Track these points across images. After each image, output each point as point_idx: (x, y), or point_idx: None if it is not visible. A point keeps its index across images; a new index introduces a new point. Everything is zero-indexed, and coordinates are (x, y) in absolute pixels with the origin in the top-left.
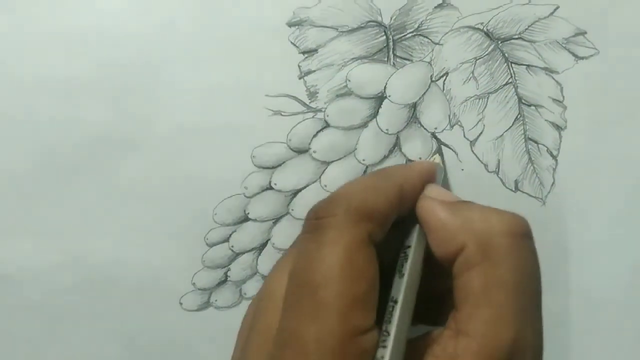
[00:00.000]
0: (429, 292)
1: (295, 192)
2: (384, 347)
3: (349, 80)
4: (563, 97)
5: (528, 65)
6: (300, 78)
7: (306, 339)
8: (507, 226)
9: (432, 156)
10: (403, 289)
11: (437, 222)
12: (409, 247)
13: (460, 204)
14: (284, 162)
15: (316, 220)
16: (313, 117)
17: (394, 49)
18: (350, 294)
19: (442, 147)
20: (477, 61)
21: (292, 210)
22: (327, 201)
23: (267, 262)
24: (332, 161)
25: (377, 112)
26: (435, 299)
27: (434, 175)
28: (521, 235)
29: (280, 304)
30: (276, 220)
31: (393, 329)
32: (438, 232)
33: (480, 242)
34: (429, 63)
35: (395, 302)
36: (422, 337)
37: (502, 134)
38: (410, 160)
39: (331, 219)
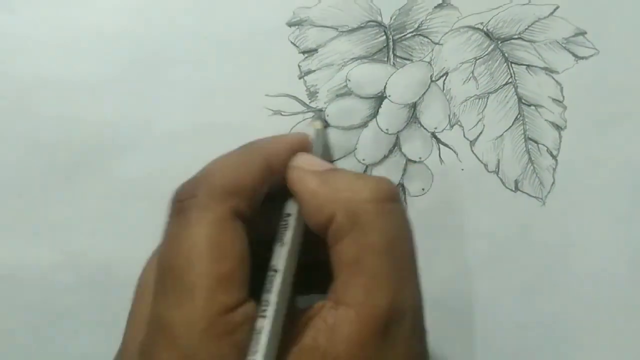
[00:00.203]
0: (317, 261)
1: None
2: (263, 317)
3: (349, 80)
4: (563, 97)
5: (528, 65)
6: (300, 78)
7: (174, 323)
8: (372, 192)
9: (312, 121)
10: (282, 257)
11: (306, 193)
12: (289, 215)
13: (328, 173)
14: None
15: (179, 203)
16: (313, 117)
17: (394, 49)
18: (214, 273)
19: (442, 147)
20: (477, 61)
21: None
22: (188, 182)
23: None
24: (332, 161)
25: (377, 112)
26: (323, 268)
27: (305, 145)
28: (386, 200)
29: (152, 291)
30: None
31: (273, 297)
32: (308, 202)
33: (348, 210)
34: (429, 63)
35: (275, 271)
36: (307, 309)
37: (502, 134)
38: (411, 161)
39: (193, 200)
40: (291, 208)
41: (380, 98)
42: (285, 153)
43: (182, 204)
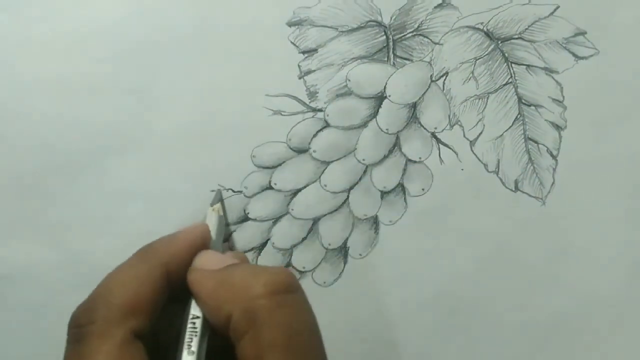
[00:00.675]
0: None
1: (295, 192)
2: None
3: (349, 80)
4: (563, 97)
5: (528, 65)
6: (300, 78)
7: None
8: (265, 286)
9: (211, 208)
10: None
11: (205, 294)
12: (196, 317)
13: (225, 271)
14: (284, 162)
15: (77, 329)
16: (313, 116)
17: (394, 49)
18: None
19: (442, 147)
20: (477, 61)
21: (292, 209)
22: (85, 305)
23: (267, 261)
24: (332, 161)
25: (377, 111)
26: None
27: (206, 238)
28: (281, 292)
29: None
30: (276, 219)
31: None
32: (207, 304)
33: (243, 309)
34: (429, 63)
35: None
36: None
37: (502, 134)
38: (411, 161)
39: (91, 326)
40: (196, 309)
41: (380, 98)
42: (185, 254)
43: (80, 330)
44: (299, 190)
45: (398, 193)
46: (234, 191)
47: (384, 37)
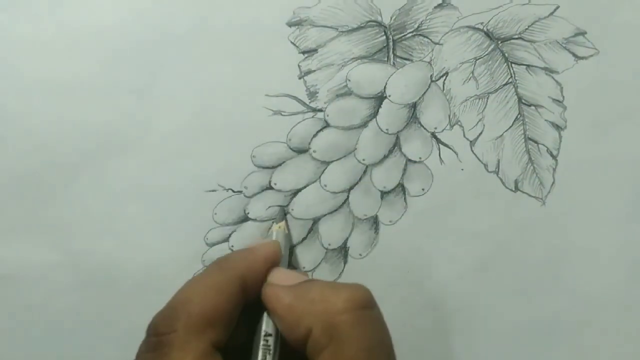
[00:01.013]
0: None
1: (295, 192)
2: None
3: (349, 80)
4: (563, 97)
5: (528, 65)
6: (300, 78)
7: None
8: (346, 302)
9: (275, 224)
10: None
11: (282, 309)
12: (269, 335)
13: (302, 286)
14: (284, 162)
15: (156, 338)
16: (313, 117)
17: (394, 49)
18: None
19: (442, 147)
20: (477, 61)
21: (292, 210)
22: (166, 313)
23: None
24: (332, 161)
25: (377, 111)
26: None
27: (278, 255)
28: (361, 308)
29: None
30: (276, 220)
31: None
32: (285, 318)
33: (324, 323)
34: (429, 63)
35: None
36: None
37: (502, 134)
38: (411, 161)
39: (172, 335)
40: (269, 326)
41: (380, 98)
42: (261, 269)
43: (160, 339)
44: (299, 190)
45: (398, 193)
46: (234, 191)
47: (384, 37)
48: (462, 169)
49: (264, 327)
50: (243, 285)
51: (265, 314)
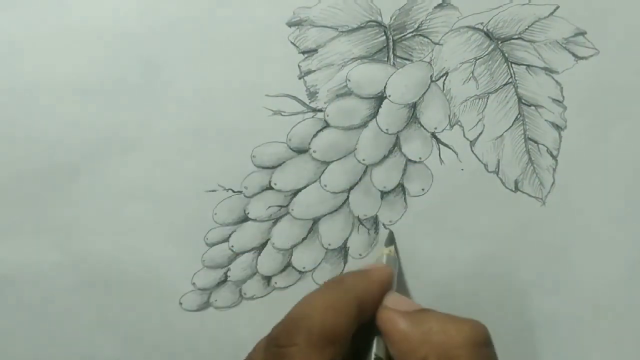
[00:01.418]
0: None
1: (295, 192)
2: None
3: (349, 80)
4: (563, 97)
5: (528, 65)
6: (300, 78)
7: None
8: (466, 337)
9: (384, 249)
10: None
11: (398, 334)
12: (380, 358)
13: (419, 314)
14: (284, 162)
15: (277, 349)
16: (313, 117)
17: (394, 49)
18: None
19: (442, 147)
20: (477, 61)
21: (292, 210)
22: (287, 325)
23: (267, 262)
24: (332, 161)
25: (377, 112)
26: None
27: (391, 280)
28: (480, 345)
29: None
30: (276, 220)
31: None
32: (400, 344)
33: (440, 354)
34: (429, 63)
35: None
36: None
37: (502, 134)
38: (411, 161)
39: (293, 348)
40: (380, 350)
41: (380, 98)
42: (377, 293)
43: (282, 350)
44: (299, 190)
45: (398, 193)
46: (234, 191)
47: (384, 37)
48: (462, 169)
49: (374, 350)
50: (360, 306)
51: (377, 337)
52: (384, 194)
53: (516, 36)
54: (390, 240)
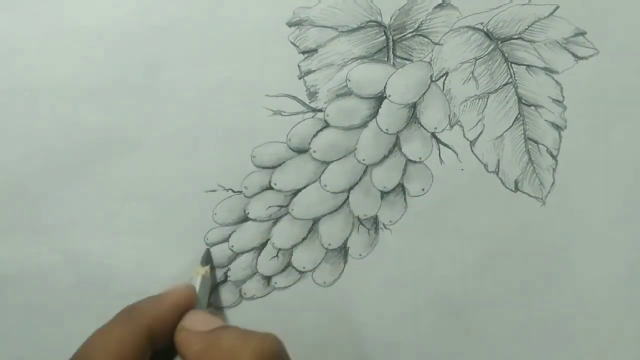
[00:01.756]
0: None
1: (295, 192)
2: None
3: (349, 80)
4: (563, 97)
5: (528, 65)
6: (300, 78)
7: None
8: (252, 353)
9: (196, 268)
10: None
11: (192, 355)
12: None
13: (215, 333)
14: (284, 162)
15: None
16: (313, 117)
17: (394, 49)
18: None
19: (442, 147)
20: (477, 61)
21: (292, 210)
22: None
23: (266, 262)
24: (332, 161)
25: (377, 112)
26: None
27: (192, 299)
28: (267, 359)
29: None
30: (276, 220)
31: None
32: None
33: None
34: (429, 63)
35: None
36: None
37: (502, 134)
38: (411, 161)
39: None
40: None
41: (380, 98)
42: (170, 316)
43: None
44: (299, 190)
45: (398, 193)
46: (234, 191)
47: (384, 37)
48: (462, 169)
49: None
50: (149, 334)
51: (178, 359)
52: (384, 194)
53: (516, 36)
54: (207, 260)
